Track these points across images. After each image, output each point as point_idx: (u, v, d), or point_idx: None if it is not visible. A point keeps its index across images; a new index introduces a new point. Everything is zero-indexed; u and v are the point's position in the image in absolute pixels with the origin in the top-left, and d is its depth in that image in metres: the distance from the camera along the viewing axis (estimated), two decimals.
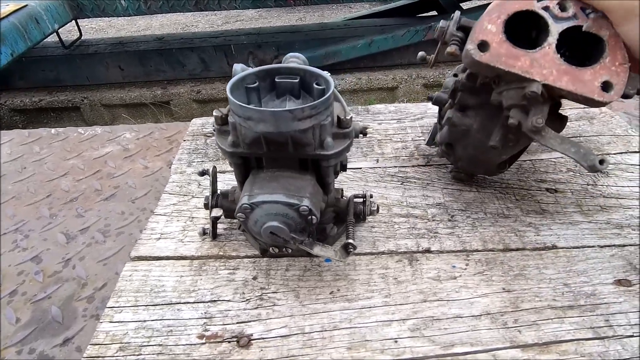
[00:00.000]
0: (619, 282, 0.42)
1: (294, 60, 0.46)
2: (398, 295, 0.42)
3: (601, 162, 0.37)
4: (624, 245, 0.45)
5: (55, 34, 1.86)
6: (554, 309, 0.39)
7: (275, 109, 0.33)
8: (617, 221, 0.48)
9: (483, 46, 0.37)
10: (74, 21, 1.97)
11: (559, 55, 0.37)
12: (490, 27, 0.37)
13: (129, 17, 2.88)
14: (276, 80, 0.40)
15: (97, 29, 3.12)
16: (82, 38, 2.18)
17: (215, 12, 2.97)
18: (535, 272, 0.43)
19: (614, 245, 0.46)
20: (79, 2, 1.78)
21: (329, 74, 0.42)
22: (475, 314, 0.39)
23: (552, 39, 0.37)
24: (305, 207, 0.35)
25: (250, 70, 0.40)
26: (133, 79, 2.15)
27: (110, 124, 2.21)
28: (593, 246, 0.46)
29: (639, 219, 0.48)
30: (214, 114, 0.37)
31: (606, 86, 0.36)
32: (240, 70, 0.42)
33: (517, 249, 0.46)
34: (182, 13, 1.96)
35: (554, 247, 0.46)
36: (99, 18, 2.32)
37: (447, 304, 0.40)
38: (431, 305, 0.40)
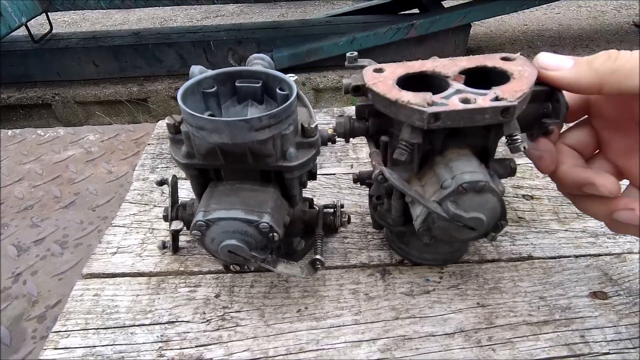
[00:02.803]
0: (594, 295, 0.40)
1: (259, 62, 0.43)
2: (369, 313, 0.39)
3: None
4: (599, 255, 0.44)
5: (24, 27, 1.77)
6: (529, 325, 0.38)
7: (229, 119, 0.30)
8: (592, 229, 0.47)
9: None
10: (45, 14, 1.88)
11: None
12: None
13: (104, 11, 2.78)
14: (237, 84, 0.37)
15: (70, 22, 2.99)
16: (53, 32, 2.09)
17: (194, 6, 2.90)
18: (510, 285, 0.42)
19: (589, 255, 0.45)
20: None
21: (295, 77, 0.40)
22: (449, 331, 0.38)
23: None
24: (265, 224, 0.33)
25: (209, 73, 0.37)
26: (108, 75, 2.07)
27: (85, 121, 2.12)
28: (569, 256, 0.45)
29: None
30: (166, 121, 0.34)
31: None
32: (198, 72, 0.39)
33: (493, 260, 0.44)
34: (159, 7, 1.89)
35: (530, 257, 0.45)
36: (72, 11, 2.22)
37: (420, 321, 0.38)
38: (403, 323, 0.38)
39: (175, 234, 0.44)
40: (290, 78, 0.37)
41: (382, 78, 0.34)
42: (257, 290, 0.42)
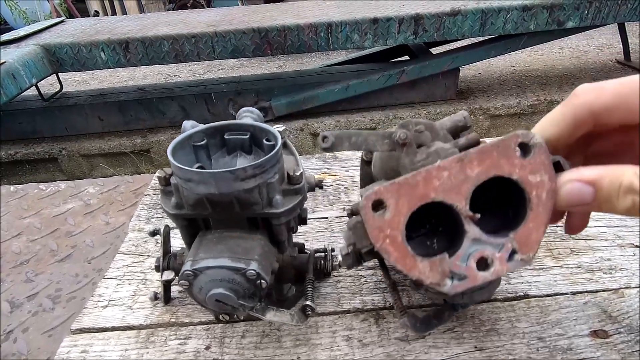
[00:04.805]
0: (595, 334, 0.39)
1: (248, 115, 0.45)
2: None
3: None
4: (597, 291, 0.44)
5: (34, 87, 1.87)
6: None
7: (215, 170, 0.31)
8: (587, 265, 0.47)
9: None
10: (55, 75, 1.98)
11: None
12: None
13: (112, 69, 2.94)
14: (225, 137, 0.39)
15: (80, 81, 3.16)
16: (62, 90, 2.20)
17: (197, 62, 3.06)
18: (507, 326, 0.41)
19: (586, 292, 0.44)
20: (58, 57, 1.81)
21: (282, 127, 0.42)
22: None
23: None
24: (252, 272, 0.33)
25: (199, 127, 0.39)
26: (112, 128, 2.15)
27: (89, 173, 2.17)
28: (566, 293, 0.44)
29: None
30: (157, 174, 0.36)
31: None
32: (189, 127, 0.41)
33: (488, 300, 0.44)
34: (164, 64, 2.00)
35: (526, 296, 0.44)
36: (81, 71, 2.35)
37: None
38: None
39: (166, 285, 0.44)
40: (277, 129, 0.39)
41: (389, 229, 0.29)
42: (249, 341, 0.41)
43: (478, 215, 0.30)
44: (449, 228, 0.33)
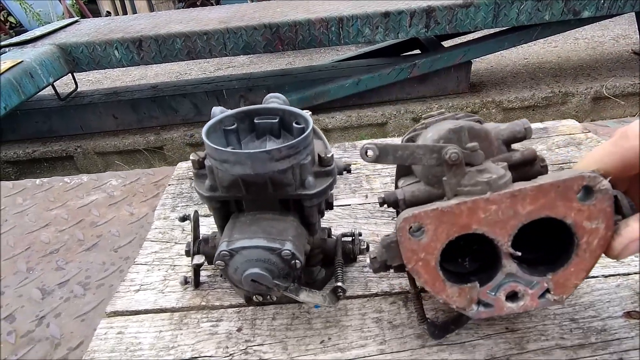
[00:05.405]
0: (628, 315, 0.39)
1: (274, 100, 0.46)
2: (394, 342, 0.38)
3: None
4: (628, 274, 0.43)
5: (50, 86, 1.91)
6: (564, 349, 0.36)
7: (251, 151, 0.32)
8: None
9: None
10: (71, 74, 2.02)
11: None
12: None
13: (124, 69, 2.98)
14: (255, 121, 0.39)
15: (93, 80, 3.21)
16: (78, 89, 2.23)
17: (208, 60, 3.09)
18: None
19: (618, 275, 0.43)
20: (74, 56, 1.83)
21: (310, 112, 0.42)
22: (479, 358, 0.36)
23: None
24: (287, 251, 0.33)
25: (229, 112, 0.39)
26: (127, 126, 2.18)
27: (104, 170, 2.21)
28: (597, 276, 0.43)
29: None
30: (191, 157, 0.36)
31: None
32: (219, 112, 0.42)
33: None
34: (175, 62, 2.02)
35: None
36: (96, 70, 2.39)
37: (448, 349, 0.37)
38: (430, 351, 0.37)
39: (197, 269, 0.45)
40: (306, 113, 0.39)
41: (424, 252, 0.29)
42: (279, 323, 0.41)
43: (519, 254, 0.29)
44: (484, 248, 0.32)
